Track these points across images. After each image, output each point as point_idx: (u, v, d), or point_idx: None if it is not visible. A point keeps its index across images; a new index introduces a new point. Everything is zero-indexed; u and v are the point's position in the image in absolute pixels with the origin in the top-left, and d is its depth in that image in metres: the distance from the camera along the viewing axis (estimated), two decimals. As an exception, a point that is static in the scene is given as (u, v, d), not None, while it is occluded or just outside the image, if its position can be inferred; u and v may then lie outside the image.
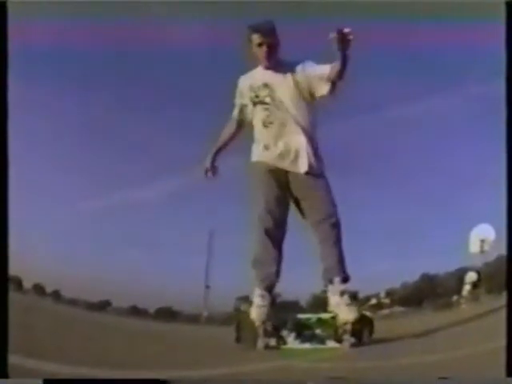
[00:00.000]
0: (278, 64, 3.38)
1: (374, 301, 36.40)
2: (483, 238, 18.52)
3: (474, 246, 18.80)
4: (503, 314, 1.88)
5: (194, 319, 27.88)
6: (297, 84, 3.32)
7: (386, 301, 40.39)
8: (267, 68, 3.40)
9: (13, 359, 1.65)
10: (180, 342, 4.70)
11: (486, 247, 18.48)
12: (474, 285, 21.32)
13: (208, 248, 31.56)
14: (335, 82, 3.22)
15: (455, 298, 26.92)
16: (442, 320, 6.47)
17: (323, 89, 3.28)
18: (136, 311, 34.49)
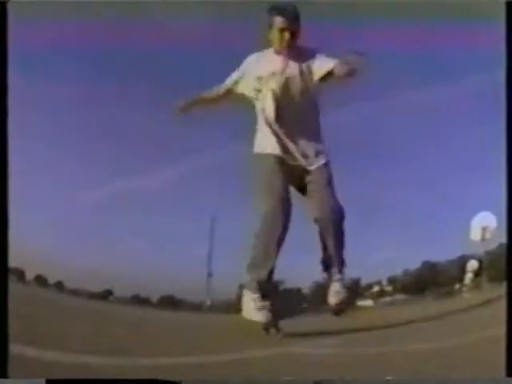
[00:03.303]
0: (294, 51, 3.12)
1: (376, 288, 36.51)
2: (484, 225, 18.45)
3: (475, 234, 18.73)
4: (504, 302, 1.87)
5: (196, 307, 27.97)
6: (304, 73, 3.11)
7: (389, 288, 40.60)
8: (280, 54, 3.13)
9: (16, 350, 1.66)
10: (183, 330, 4.71)
11: (488, 235, 18.43)
12: (476, 273, 21.32)
13: (210, 235, 31.67)
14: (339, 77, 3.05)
15: (457, 286, 26.99)
16: (444, 308, 6.48)
17: (320, 71, 3.10)
18: (138, 300, 34.63)
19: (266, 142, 3.22)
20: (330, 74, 3.06)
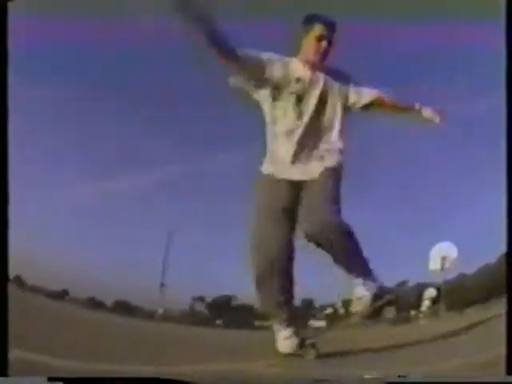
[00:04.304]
0: (323, 68, 3.02)
1: (329, 310, 36.80)
2: (445, 255, 18.76)
3: (435, 263, 19.00)
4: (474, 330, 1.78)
5: (150, 315, 27.87)
6: (329, 92, 3.00)
7: (342, 310, 40.95)
8: (309, 64, 2.98)
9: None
10: (135, 337, 4.68)
11: (447, 265, 18.71)
12: (433, 301, 21.61)
13: (166, 246, 31.69)
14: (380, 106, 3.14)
15: (413, 312, 27.29)
16: (400, 333, 6.44)
17: (363, 98, 3.07)
18: (93, 303, 34.33)
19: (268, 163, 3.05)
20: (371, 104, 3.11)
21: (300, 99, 2.92)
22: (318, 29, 2.91)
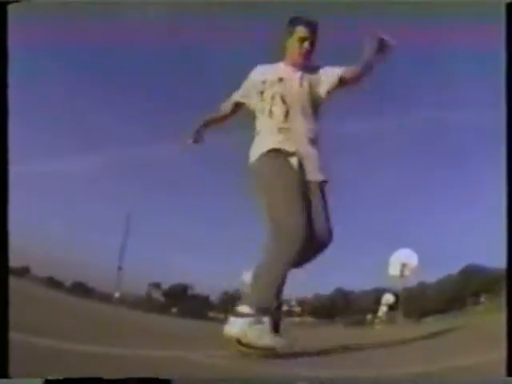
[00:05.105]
0: (309, 66, 3.05)
1: (284, 307, 37.03)
2: (405, 262, 18.93)
3: (394, 269, 19.12)
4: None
5: (106, 298, 27.74)
6: (309, 86, 3.00)
7: (297, 309, 41.15)
8: (293, 65, 3.02)
9: None
10: (91, 318, 4.67)
11: (407, 272, 18.88)
12: (391, 307, 21.86)
13: (125, 230, 31.44)
14: (347, 84, 3.02)
15: (369, 316, 27.60)
16: (354, 336, 6.48)
17: (323, 89, 3.01)
18: (52, 282, 34.03)
19: (271, 138, 2.92)
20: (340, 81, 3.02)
21: (286, 95, 2.95)
22: (299, 31, 2.96)
